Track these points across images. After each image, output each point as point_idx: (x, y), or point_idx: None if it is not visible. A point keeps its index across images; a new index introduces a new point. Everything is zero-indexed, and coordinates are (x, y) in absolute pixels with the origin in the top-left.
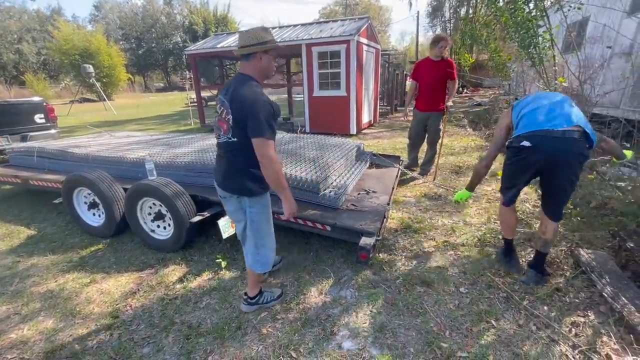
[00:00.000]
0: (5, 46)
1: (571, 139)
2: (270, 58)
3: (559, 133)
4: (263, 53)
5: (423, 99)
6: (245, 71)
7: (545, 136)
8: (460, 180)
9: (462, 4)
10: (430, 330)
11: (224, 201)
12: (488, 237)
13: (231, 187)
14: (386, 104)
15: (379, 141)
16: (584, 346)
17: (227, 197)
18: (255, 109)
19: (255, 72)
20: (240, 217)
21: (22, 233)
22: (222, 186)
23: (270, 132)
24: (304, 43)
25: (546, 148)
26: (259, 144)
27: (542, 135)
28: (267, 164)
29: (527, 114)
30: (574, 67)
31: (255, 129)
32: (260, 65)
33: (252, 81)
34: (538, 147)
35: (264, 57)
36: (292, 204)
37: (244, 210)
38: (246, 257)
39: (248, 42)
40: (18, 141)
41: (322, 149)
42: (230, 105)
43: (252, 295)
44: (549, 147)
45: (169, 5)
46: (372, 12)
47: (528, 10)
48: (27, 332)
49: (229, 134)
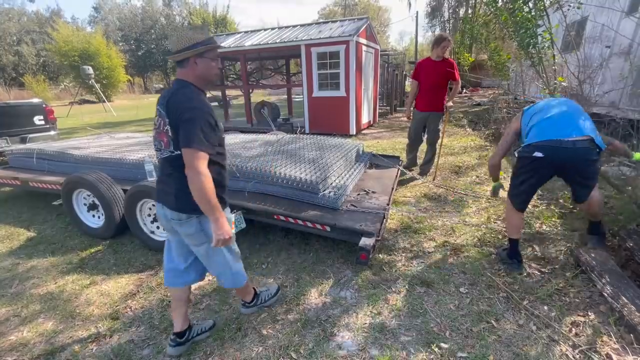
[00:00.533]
0: (5, 48)
1: (582, 148)
2: (209, 61)
3: (570, 144)
4: (197, 57)
5: (423, 99)
6: (182, 77)
7: (556, 147)
8: (460, 180)
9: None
10: (430, 330)
11: (177, 225)
12: (488, 237)
13: (189, 206)
14: (385, 104)
15: (379, 141)
16: (584, 346)
17: (184, 220)
18: (189, 116)
19: (192, 78)
20: (202, 239)
21: (21, 235)
22: (175, 208)
23: (202, 144)
24: (303, 44)
25: (557, 159)
26: (187, 154)
27: (553, 145)
28: (193, 178)
29: (538, 123)
30: (573, 67)
31: (185, 137)
32: (197, 72)
33: (189, 87)
34: (549, 157)
35: (199, 61)
36: (223, 229)
37: (205, 232)
38: (221, 280)
39: (177, 47)
40: (17, 143)
41: (321, 150)
42: (167, 115)
43: (248, 300)
44: (561, 157)
45: (168, 6)
46: (371, 13)
47: (527, 10)
48: (27, 334)
49: (170, 147)
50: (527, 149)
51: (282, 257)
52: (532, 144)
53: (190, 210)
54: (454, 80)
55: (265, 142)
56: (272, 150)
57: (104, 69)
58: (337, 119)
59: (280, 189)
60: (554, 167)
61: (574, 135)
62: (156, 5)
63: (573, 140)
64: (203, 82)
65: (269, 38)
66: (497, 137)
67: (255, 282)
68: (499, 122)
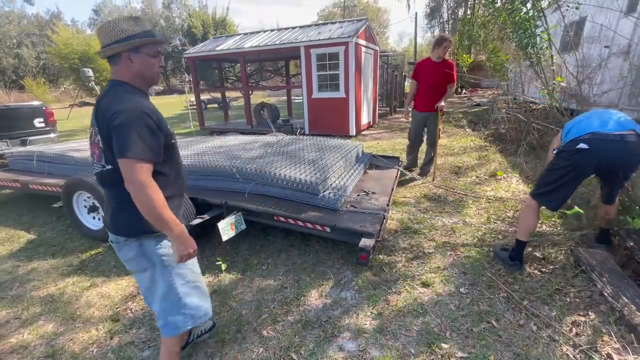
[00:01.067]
0: (5, 51)
1: (629, 142)
2: (147, 57)
3: (617, 137)
4: (132, 52)
5: (422, 99)
6: (116, 77)
7: (603, 139)
8: (459, 180)
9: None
10: (430, 331)
11: (117, 249)
12: (488, 238)
13: (127, 228)
14: (385, 105)
15: (378, 142)
16: (585, 345)
17: (122, 243)
18: (120, 121)
19: (128, 77)
20: (143, 264)
21: (22, 237)
22: (113, 230)
23: (141, 152)
24: (303, 45)
25: (603, 151)
26: (125, 166)
27: (600, 138)
28: (135, 193)
29: (578, 123)
30: (572, 67)
31: (119, 146)
32: (133, 69)
33: (123, 87)
34: (595, 149)
35: (135, 57)
36: (184, 245)
37: (148, 256)
38: (160, 321)
39: (107, 39)
40: (18, 145)
41: (321, 151)
42: (97, 123)
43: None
44: (607, 150)
45: (167, 8)
46: (371, 14)
47: (525, 11)
48: (27, 336)
49: (101, 160)
50: (570, 143)
51: (282, 258)
52: (575, 138)
53: (127, 233)
54: (451, 81)
55: (265, 144)
56: (272, 152)
57: (104, 72)
58: (336, 120)
59: (280, 190)
60: (596, 162)
61: (620, 130)
62: (156, 7)
63: (620, 134)
64: (141, 82)
65: (268, 40)
66: (497, 137)
67: (255, 282)
68: (498, 122)
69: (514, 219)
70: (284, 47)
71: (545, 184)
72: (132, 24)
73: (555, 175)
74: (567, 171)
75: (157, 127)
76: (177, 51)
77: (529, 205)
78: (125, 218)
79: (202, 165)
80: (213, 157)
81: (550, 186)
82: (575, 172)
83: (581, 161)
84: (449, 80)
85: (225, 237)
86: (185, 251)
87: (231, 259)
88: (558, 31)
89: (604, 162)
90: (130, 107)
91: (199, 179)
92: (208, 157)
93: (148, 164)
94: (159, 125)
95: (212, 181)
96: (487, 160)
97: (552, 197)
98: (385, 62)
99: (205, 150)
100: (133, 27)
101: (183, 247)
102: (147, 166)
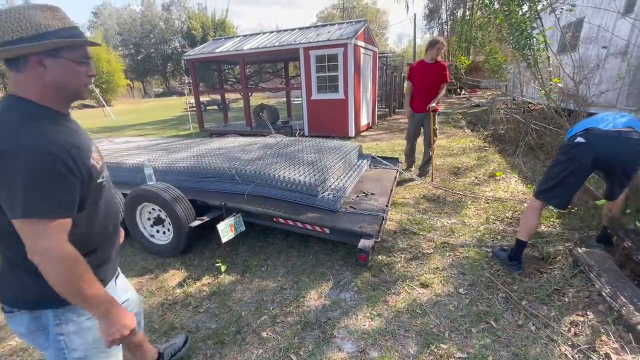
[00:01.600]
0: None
1: (627, 138)
2: (71, 65)
3: (615, 133)
4: (47, 56)
5: (418, 100)
6: (16, 90)
7: (600, 134)
8: (458, 181)
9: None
10: (429, 331)
11: (7, 319)
12: (487, 238)
13: (16, 297)
14: (384, 106)
15: (378, 143)
16: (583, 345)
17: (9, 315)
18: (7, 165)
19: (35, 91)
20: (42, 342)
21: None
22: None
23: (49, 206)
24: (302, 47)
25: (599, 146)
26: (24, 229)
27: (597, 133)
28: (43, 266)
29: (584, 121)
30: (569, 68)
31: (10, 203)
32: (46, 79)
33: (23, 107)
34: (592, 143)
35: (51, 62)
36: (115, 325)
37: (46, 332)
38: None
39: (8, 36)
40: None
41: (320, 152)
42: None
43: None
44: (603, 145)
45: (167, 11)
46: (370, 15)
47: (522, 13)
48: None
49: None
50: (570, 139)
51: (282, 259)
52: (575, 133)
53: (13, 303)
54: (445, 81)
55: (265, 145)
56: (271, 153)
57: (103, 74)
58: (336, 122)
59: (280, 191)
60: (593, 156)
61: (618, 127)
62: (155, 9)
63: (617, 131)
64: (56, 98)
65: (267, 41)
66: (496, 137)
67: (254, 283)
68: (497, 123)
69: (512, 220)
70: (283, 48)
71: (546, 180)
72: (49, 15)
73: (555, 170)
74: (565, 165)
75: (72, 168)
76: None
77: (532, 205)
78: (21, 286)
79: (202, 167)
80: (212, 159)
81: (551, 182)
82: (574, 166)
83: (578, 155)
84: (442, 81)
85: (224, 239)
86: (117, 334)
87: (230, 261)
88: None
89: (600, 156)
90: (28, 144)
91: (199, 181)
92: (207, 158)
93: (58, 221)
94: (74, 165)
95: (211, 183)
96: (486, 160)
97: (554, 194)
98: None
99: (205, 152)
100: (50, 21)
101: (115, 329)
102: (56, 225)
